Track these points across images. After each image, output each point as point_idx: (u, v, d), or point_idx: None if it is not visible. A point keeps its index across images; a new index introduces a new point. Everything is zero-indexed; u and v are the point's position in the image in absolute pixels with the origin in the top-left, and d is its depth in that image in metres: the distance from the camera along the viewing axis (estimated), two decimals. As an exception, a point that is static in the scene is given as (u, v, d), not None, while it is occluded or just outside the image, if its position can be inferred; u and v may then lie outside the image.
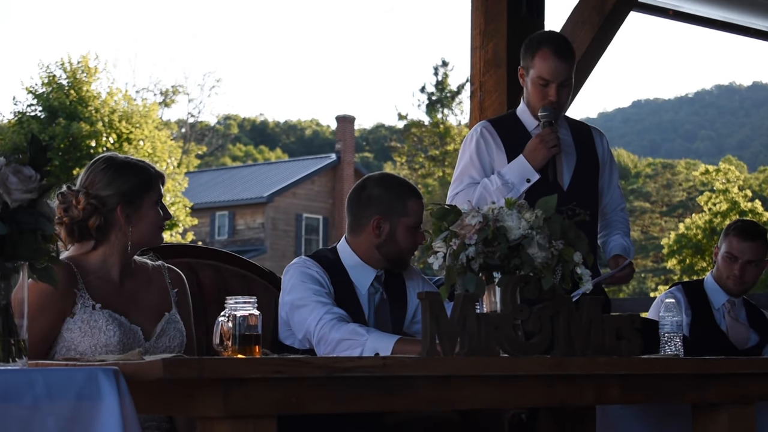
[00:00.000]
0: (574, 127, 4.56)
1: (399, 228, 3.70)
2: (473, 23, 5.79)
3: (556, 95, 4.30)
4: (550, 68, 4.29)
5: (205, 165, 47.23)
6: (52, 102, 24.24)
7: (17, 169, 2.41)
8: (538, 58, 4.30)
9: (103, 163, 3.34)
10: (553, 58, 4.28)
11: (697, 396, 3.22)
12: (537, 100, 4.35)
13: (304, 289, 3.57)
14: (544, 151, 4.29)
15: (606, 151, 4.63)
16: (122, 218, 3.29)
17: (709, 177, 33.59)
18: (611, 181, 4.65)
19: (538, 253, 2.99)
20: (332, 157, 37.91)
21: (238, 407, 2.42)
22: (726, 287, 4.87)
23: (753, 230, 4.88)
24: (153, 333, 3.33)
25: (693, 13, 6.96)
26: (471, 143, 4.45)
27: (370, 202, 3.73)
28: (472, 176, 4.41)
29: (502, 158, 4.39)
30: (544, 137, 4.29)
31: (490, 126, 4.48)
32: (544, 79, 4.30)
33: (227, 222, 36.63)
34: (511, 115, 4.55)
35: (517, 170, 4.31)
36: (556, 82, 4.30)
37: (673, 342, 3.42)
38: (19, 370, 2.26)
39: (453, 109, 37.30)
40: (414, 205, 3.74)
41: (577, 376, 2.95)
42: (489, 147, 4.42)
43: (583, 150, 4.51)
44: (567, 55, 4.33)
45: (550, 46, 4.31)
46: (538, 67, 4.30)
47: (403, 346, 3.35)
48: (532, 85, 4.35)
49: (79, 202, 3.26)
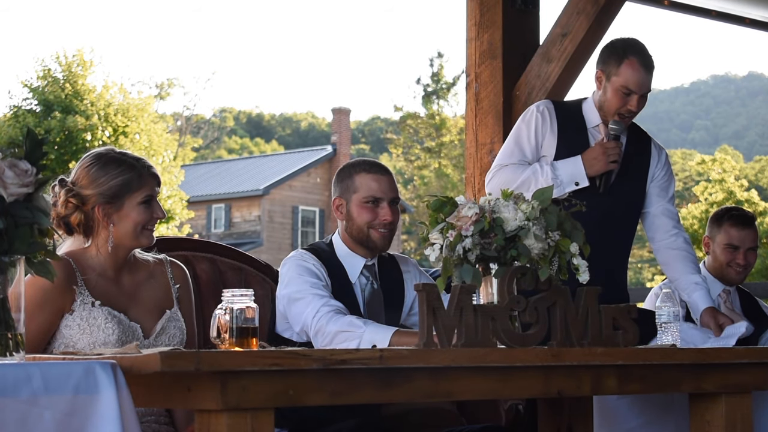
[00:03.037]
0: (636, 135, 4.54)
1: (352, 205, 3.69)
2: (468, 14, 5.79)
3: (636, 105, 4.32)
4: (638, 80, 4.29)
5: (201, 158, 47.20)
6: (48, 96, 24.17)
7: (13, 163, 2.41)
8: (626, 66, 4.29)
9: (90, 160, 3.31)
10: (641, 70, 4.29)
11: (695, 385, 3.22)
12: (615, 106, 4.34)
13: (301, 282, 3.57)
14: (603, 163, 4.31)
15: (660, 166, 4.55)
16: (101, 218, 3.27)
17: (705, 167, 33.57)
18: (662, 192, 4.53)
19: (534, 244, 2.99)
20: (328, 150, 37.88)
21: (236, 400, 2.43)
22: (726, 277, 4.87)
23: (747, 216, 4.91)
24: (153, 331, 3.32)
25: (688, 3, 6.95)
26: (531, 119, 4.44)
27: (334, 186, 3.77)
28: (523, 152, 4.41)
29: (552, 140, 4.40)
30: (608, 150, 4.31)
31: (552, 107, 4.47)
32: (628, 88, 4.30)
33: (224, 215, 36.60)
34: (576, 104, 4.53)
35: (570, 171, 4.32)
36: (639, 93, 4.32)
37: (670, 332, 3.43)
38: (17, 364, 2.26)
39: (449, 100, 37.27)
40: (363, 179, 3.68)
41: (574, 367, 2.95)
42: (545, 127, 4.41)
43: (635, 158, 4.48)
44: (652, 68, 4.34)
45: (639, 57, 4.31)
46: (625, 76, 4.30)
47: (401, 338, 3.35)
48: (613, 91, 4.34)
49: (60, 198, 3.25)
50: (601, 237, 3.87)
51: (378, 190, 3.67)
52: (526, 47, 5.63)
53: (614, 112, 4.35)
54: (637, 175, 4.49)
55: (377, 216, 3.66)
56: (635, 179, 4.48)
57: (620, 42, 4.41)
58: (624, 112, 4.34)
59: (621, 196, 4.41)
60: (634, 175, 4.48)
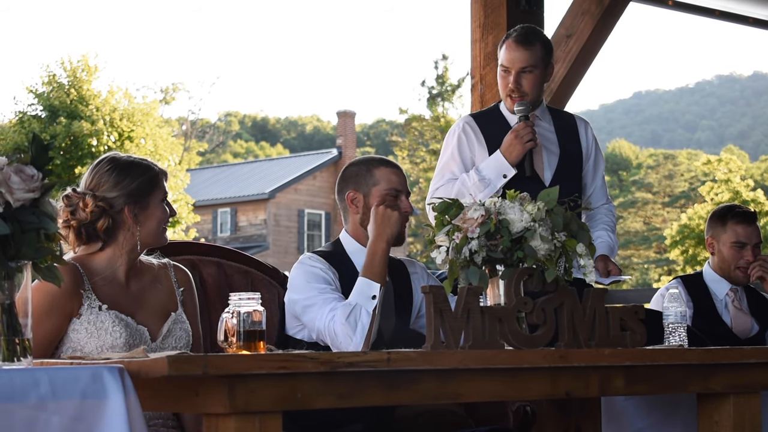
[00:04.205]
0: (558, 117, 4.58)
1: (372, 198, 3.70)
2: (473, 16, 5.79)
3: (515, 82, 4.39)
4: (508, 57, 4.41)
5: (207, 162, 47.23)
6: (53, 101, 24.19)
7: (19, 168, 2.41)
8: (504, 48, 4.43)
9: (107, 164, 3.34)
10: (514, 46, 4.40)
11: (702, 386, 3.22)
12: (501, 89, 4.46)
13: (310, 289, 3.58)
14: (520, 146, 4.34)
15: (590, 141, 4.64)
16: (130, 218, 3.29)
17: (710, 167, 33.57)
18: (596, 172, 4.65)
19: (540, 246, 2.99)
20: (333, 153, 37.89)
21: (244, 403, 2.43)
22: (733, 276, 4.85)
23: (750, 213, 4.90)
24: (159, 333, 3.33)
25: (692, 3, 6.95)
26: (453, 138, 4.52)
27: (344, 182, 3.75)
28: (452, 171, 4.47)
29: (484, 153, 4.44)
30: (519, 132, 4.34)
31: (473, 120, 4.53)
32: (504, 66, 4.42)
33: (229, 219, 36.62)
34: (495, 109, 4.59)
35: (493, 166, 4.35)
36: (515, 69, 4.39)
37: (678, 332, 3.42)
38: (24, 370, 2.26)
39: (453, 102, 37.26)
40: (383, 172, 3.71)
41: (581, 368, 2.95)
42: (470, 142, 4.47)
43: (566, 142, 4.53)
44: (525, 43, 4.41)
45: (510, 36, 4.44)
46: (501, 57, 4.44)
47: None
48: (498, 75, 4.47)
49: (86, 205, 3.26)
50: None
51: (398, 183, 3.72)
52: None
53: (504, 96, 4.46)
54: (571, 156, 4.54)
55: (399, 207, 3.68)
56: (570, 161, 4.53)
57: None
58: (508, 92, 4.43)
59: (561, 183, 4.40)
60: (568, 158, 4.52)
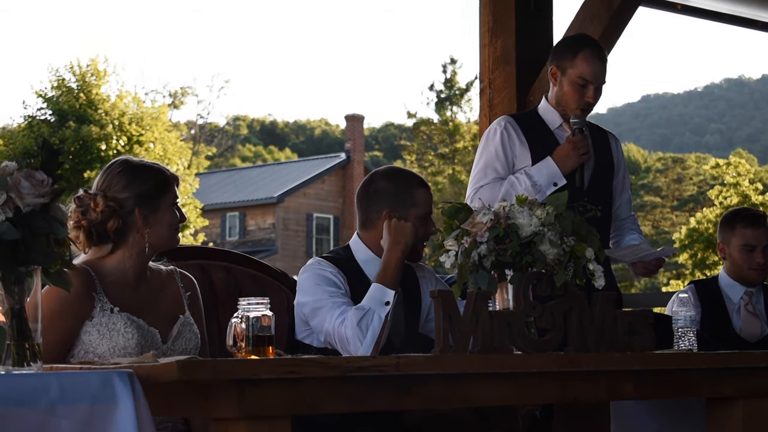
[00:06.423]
0: (592, 130, 4.58)
1: (409, 219, 3.70)
2: (481, 20, 5.79)
3: (594, 97, 4.38)
4: (593, 70, 4.35)
5: (215, 166, 47.25)
6: (62, 105, 24.25)
7: (29, 173, 2.42)
8: (581, 59, 4.35)
9: (119, 166, 3.36)
10: (595, 61, 4.36)
11: (712, 390, 3.21)
12: (574, 99, 4.39)
13: (320, 291, 3.58)
14: (575, 158, 4.35)
15: (620, 155, 4.69)
16: (140, 220, 3.30)
17: (719, 171, 33.48)
18: (624, 186, 4.69)
19: (549, 250, 2.99)
20: (342, 157, 37.89)
21: (253, 408, 2.43)
22: (747, 279, 4.85)
23: (758, 215, 4.91)
24: (169, 335, 3.35)
25: (701, 7, 6.94)
26: (495, 137, 4.48)
27: (379, 196, 3.74)
28: (496, 170, 4.45)
29: (525, 154, 4.43)
30: (577, 144, 4.34)
31: (513, 121, 4.52)
32: (584, 79, 4.36)
33: (238, 223, 36.64)
34: (533, 112, 4.59)
35: (546, 173, 4.35)
36: (596, 84, 4.37)
37: (687, 336, 3.42)
38: (34, 374, 2.27)
39: (462, 106, 37.18)
40: (421, 195, 3.75)
41: (590, 372, 2.95)
42: (512, 141, 4.45)
43: (600, 154, 4.54)
44: (605, 59, 4.42)
45: (592, 49, 4.38)
46: (580, 68, 4.36)
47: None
48: (569, 84, 4.39)
49: (97, 205, 3.27)
50: None
51: (431, 206, 3.78)
52: (540, 53, 5.62)
53: (574, 107, 4.40)
54: (605, 167, 4.56)
55: (429, 231, 3.75)
56: (604, 171, 4.55)
57: (572, 38, 4.56)
58: (583, 105, 4.40)
59: (596, 191, 4.43)
60: (602, 168, 4.54)
